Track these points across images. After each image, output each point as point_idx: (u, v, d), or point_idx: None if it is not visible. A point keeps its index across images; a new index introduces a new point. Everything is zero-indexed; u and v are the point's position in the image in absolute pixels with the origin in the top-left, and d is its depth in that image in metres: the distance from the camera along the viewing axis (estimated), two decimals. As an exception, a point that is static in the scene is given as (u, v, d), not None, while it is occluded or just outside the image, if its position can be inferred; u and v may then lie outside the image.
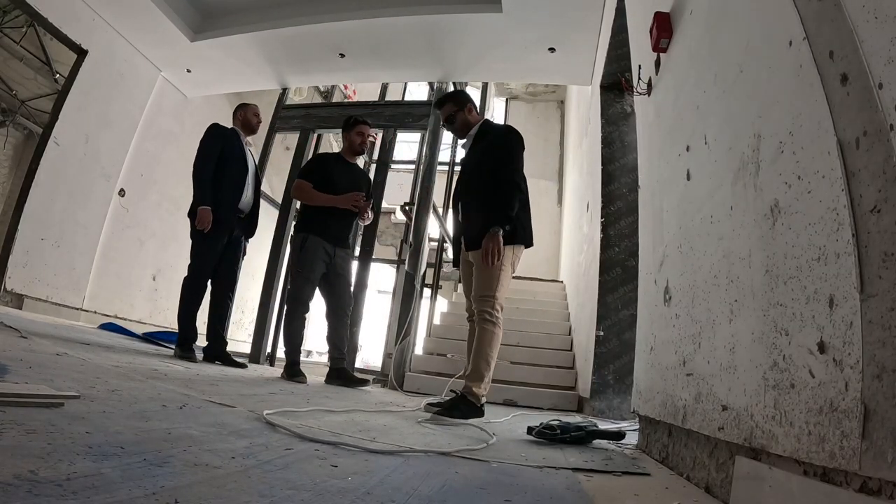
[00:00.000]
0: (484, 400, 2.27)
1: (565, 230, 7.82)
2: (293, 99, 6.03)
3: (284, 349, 3.30)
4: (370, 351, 9.79)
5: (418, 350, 4.66)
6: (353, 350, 4.34)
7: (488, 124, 2.62)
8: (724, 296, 1.14)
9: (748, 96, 1.10)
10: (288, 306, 3.30)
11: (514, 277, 2.51)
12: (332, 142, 8.71)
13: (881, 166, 0.66)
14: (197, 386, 1.92)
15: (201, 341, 3.37)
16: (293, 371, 3.13)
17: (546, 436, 1.80)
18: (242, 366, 3.31)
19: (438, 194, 4.97)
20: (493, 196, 2.34)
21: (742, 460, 0.99)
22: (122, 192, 5.47)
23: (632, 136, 3.34)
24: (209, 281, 3.28)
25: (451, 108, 2.59)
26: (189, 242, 3.28)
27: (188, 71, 5.54)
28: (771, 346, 0.90)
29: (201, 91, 6.09)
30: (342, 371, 3.28)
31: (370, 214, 3.47)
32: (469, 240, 2.42)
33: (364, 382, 3.25)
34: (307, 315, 3.29)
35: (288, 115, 5.41)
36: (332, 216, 3.26)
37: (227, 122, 3.47)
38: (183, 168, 6.42)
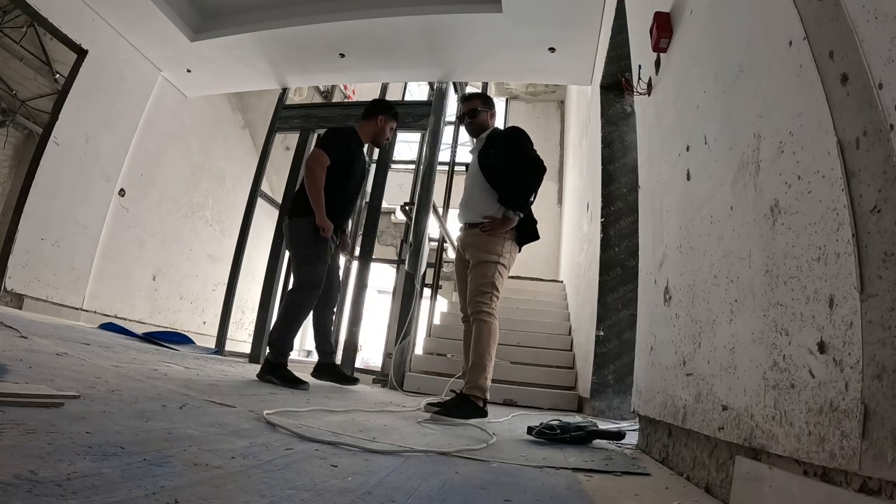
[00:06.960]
0: (487, 395, 2.27)
1: (565, 230, 7.82)
2: (293, 99, 6.03)
3: (280, 344, 2.80)
4: (370, 351, 9.81)
5: (418, 350, 4.65)
6: (354, 350, 4.34)
7: (497, 131, 2.69)
8: (724, 296, 1.14)
9: (748, 96, 1.10)
10: (300, 294, 2.85)
11: (513, 277, 2.54)
12: (332, 142, 8.68)
13: (881, 166, 0.66)
14: (197, 386, 1.92)
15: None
16: (290, 377, 2.70)
17: (546, 436, 1.80)
18: None
19: (438, 194, 4.97)
20: (502, 185, 2.45)
21: (742, 460, 0.99)
22: (122, 192, 5.48)
23: (632, 136, 3.34)
24: None
25: (478, 103, 2.72)
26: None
27: (188, 71, 5.54)
28: (771, 346, 0.90)
29: (201, 91, 6.09)
30: (334, 366, 3.11)
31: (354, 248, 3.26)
32: (464, 216, 2.53)
33: (354, 381, 3.12)
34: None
35: (288, 115, 5.41)
36: (339, 199, 2.98)
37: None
38: (183, 168, 6.51)
